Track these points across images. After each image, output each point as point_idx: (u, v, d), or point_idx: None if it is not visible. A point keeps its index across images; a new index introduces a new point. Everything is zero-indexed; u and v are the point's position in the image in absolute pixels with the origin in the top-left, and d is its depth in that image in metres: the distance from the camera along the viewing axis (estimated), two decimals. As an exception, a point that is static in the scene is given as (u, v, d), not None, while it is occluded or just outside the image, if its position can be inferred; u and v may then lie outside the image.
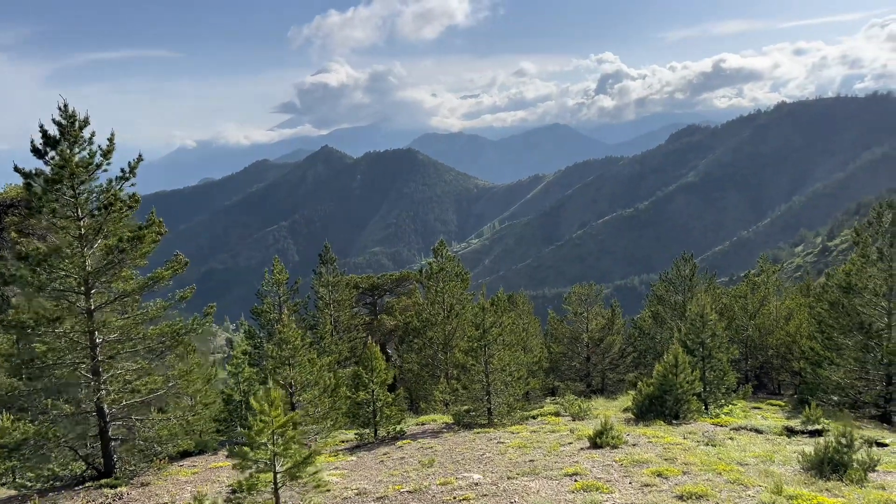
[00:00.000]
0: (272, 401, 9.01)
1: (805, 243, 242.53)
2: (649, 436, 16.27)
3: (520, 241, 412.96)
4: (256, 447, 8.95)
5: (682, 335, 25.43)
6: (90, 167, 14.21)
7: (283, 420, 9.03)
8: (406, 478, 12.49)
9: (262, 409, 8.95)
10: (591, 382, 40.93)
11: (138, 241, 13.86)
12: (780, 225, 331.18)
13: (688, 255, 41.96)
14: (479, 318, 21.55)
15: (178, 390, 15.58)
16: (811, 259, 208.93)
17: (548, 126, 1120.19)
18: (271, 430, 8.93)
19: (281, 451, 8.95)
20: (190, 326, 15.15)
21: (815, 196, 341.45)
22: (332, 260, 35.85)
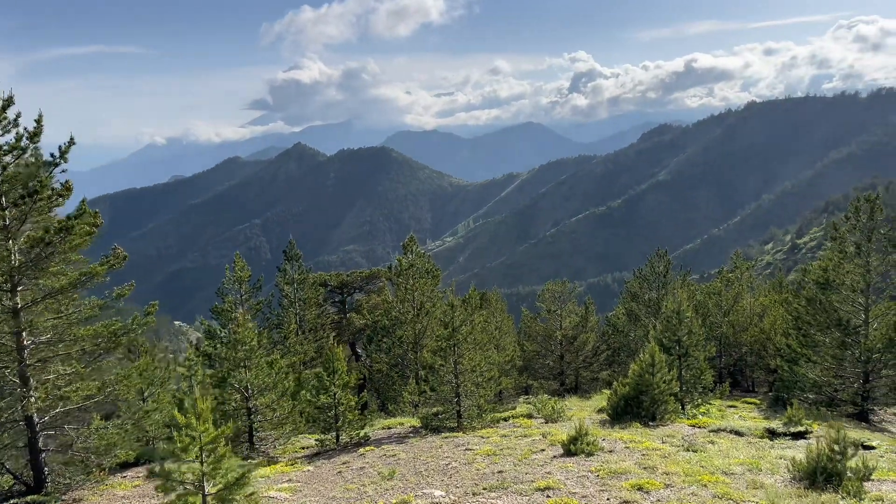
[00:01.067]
0: (200, 413, 7.83)
1: (775, 241, 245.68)
2: (626, 440, 15.33)
3: (494, 239, 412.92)
4: (182, 466, 7.77)
5: (658, 333, 24.62)
6: (15, 151, 12.83)
7: (214, 434, 7.85)
8: (362, 494, 11.37)
9: (189, 423, 7.77)
10: (565, 381, 40.16)
11: (66, 232, 12.53)
12: (749, 223, 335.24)
13: (662, 252, 41.36)
14: (448, 316, 20.46)
15: (116, 396, 14.22)
16: (780, 257, 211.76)
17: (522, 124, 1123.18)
18: (199, 446, 7.77)
19: (210, 471, 7.77)
20: (129, 327, 13.83)
21: (784, 194, 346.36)
22: (298, 256, 34.48)
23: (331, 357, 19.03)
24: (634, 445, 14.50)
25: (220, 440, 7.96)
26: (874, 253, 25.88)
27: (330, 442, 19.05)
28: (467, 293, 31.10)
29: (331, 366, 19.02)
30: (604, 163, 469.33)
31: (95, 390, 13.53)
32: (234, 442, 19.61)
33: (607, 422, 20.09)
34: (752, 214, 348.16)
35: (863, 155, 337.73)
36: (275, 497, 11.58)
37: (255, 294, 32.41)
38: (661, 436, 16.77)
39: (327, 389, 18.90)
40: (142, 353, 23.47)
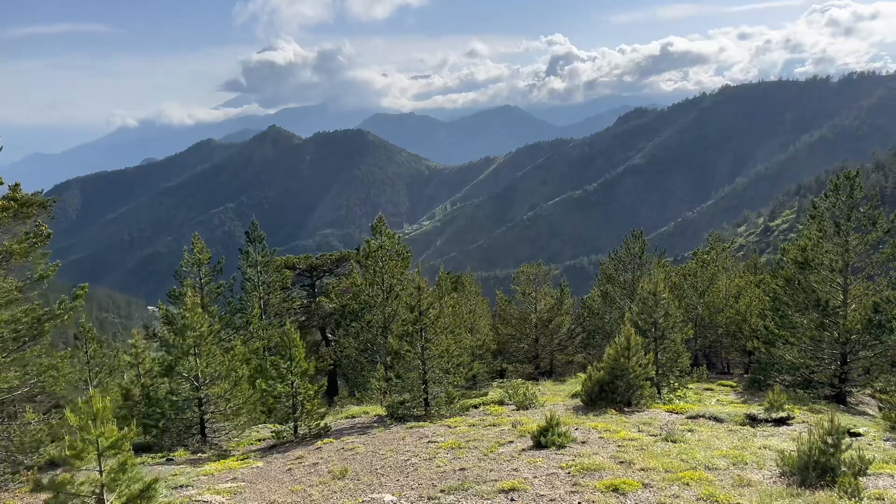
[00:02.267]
0: (96, 413, 6.61)
1: (748, 223, 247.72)
2: (601, 429, 14.34)
3: (471, 222, 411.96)
4: (76, 476, 6.55)
5: (634, 315, 23.69)
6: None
7: (115, 438, 6.64)
8: (306, 498, 10.22)
9: (84, 425, 6.55)
10: (540, 364, 39.37)
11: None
12: (723, 206, 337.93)
13: (637, 232, 40.51)
14: (415, 298, 19.31)
15: (42, 388, 12.87)
16: (753, 239, 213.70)
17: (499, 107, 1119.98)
18: (97, 452, 6.55)
19: (111, 481, 6.58)
20: (54, 312, 12.46)
21: (757, 177, 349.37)
22: (261, 238, 33.01)
23: (288, 342, 17.78)
24: (609, 436, 13.51)
25: (124, 444, 6.75)
26: (853, 232, 25.20)
27: (287, 434, 17.87)
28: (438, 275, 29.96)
29: (288, 352, 17.79)
30: (580, 146, 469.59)
31: (17, 382, 12.15)
32: (185, 434, 18.39)
33: (581, 408, 19.13)
34: (725, 197, 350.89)
35: (834, 138, 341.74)
36: (209, 501, 10.40)
37: (216, 277, 31.02)
38: (638, 423, 15.83)
39: (284, 377, 17.68)
40: (89, 339, 22.08)
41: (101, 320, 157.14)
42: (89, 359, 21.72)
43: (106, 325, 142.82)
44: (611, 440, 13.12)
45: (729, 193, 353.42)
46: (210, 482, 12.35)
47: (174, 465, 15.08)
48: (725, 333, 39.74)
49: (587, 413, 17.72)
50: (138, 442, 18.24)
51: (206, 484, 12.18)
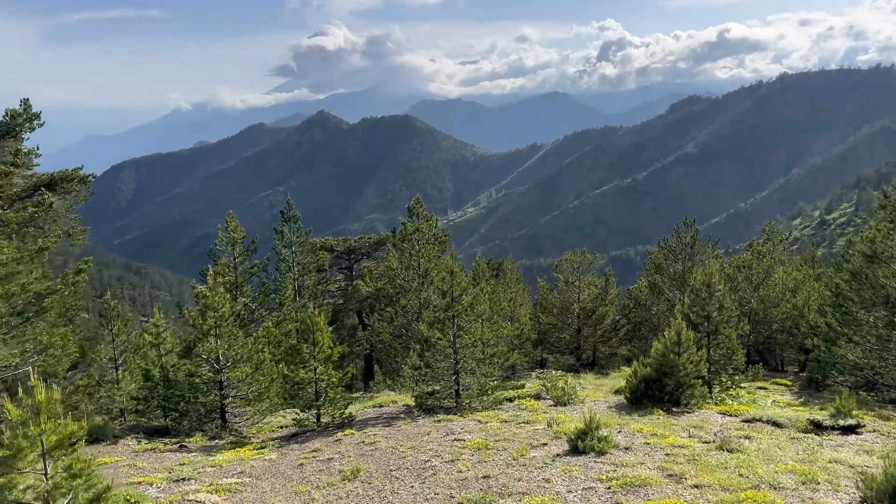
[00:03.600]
0: (38, 406, 5.57)
1: (803, 216, 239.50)
2: (646, 434, 12.92)
3: (516, 210, 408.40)
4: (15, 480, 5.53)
5: (685, 308, 22.01)
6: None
7: (63, 435, 5.59)
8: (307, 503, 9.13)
9: (25, 420, 5.52)
10: (582, 356, 37.90)
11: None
12: (777, 198, 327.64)
13: (689, 221, 38.44)
14: (447, 284, 18.07)
15: (44, 367, 12.08)
16: (808, 232, 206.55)
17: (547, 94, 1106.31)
18: (39, 452, 5.53)
19: (53, 487, 5.53)
20: (57, 287, 11.60)
21: (814, 169, 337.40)
22: (296, 218, 32.18)
23: (311, 326, 16.76)
24: (656, 441, 12.08)
25: (76, 442, 5.70)
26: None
27: (310, 422, 16.90)
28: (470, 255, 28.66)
29: (311, 336, 16.78)
30: (630, 134, 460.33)
31: (16, 360, 11.36)
32: (205, 419, 17.60)
33: (625, 407, 17.67)
34: (780, 189, 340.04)
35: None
36: (202, 502, 9.40)
37: (250, 257, 30.33)
38: (688, 427, 14.33)
39: (306, 363, 16.68)
40: (114, 317, 21.49)
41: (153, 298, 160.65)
42: (114, 337, 21.11)
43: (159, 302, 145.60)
44: (658, 447, 11.70)
45: (783, 185, 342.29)
46: (215, 475, 11.40)
47: (186, 452, 14.24)
48: (781, 329, 37.59)
49: (631, 413, 16.27)
50: (156, 425, 17.54)
51: (211, 477, 11.23)
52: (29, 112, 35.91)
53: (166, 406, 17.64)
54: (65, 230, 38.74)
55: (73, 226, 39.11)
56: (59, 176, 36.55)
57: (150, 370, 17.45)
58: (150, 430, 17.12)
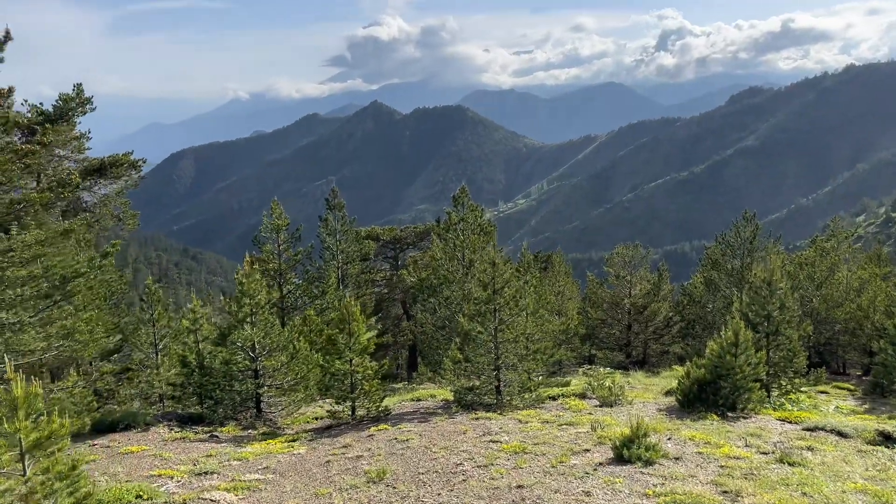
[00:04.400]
0: (16, 402, 5.05)
1: (867, 213, 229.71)
2: (699, 442, 11.94)
3: (568, 202, 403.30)
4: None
5: (744, 306, 20.73)
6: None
7: (47, 432, 5.07)
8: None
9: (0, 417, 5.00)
10: (632, 353, 36.69)
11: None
12: (840, 193, 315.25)
13: (749, 215, 36.66)
14: (489, 275, 17.30)
15: (71, 351, 11.81)
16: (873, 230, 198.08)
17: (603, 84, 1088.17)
18: (17, 452, 5.02)
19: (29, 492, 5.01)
20: (80, 268, 11.28)
21: (880, 164, 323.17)
22: (341, 206, 31.82)
23: (347, 316, 16.23)
24: (709, 451, 11.10)
25: (60, 440, 5.18)
26: None
27: (345, 414, 16.40)
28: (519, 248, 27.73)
29: (347, 326, 16.25)
30: (688, 126, 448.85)
31: (41, 344, 11.10)
32: (240, 407, 17.29)
33: (676, 410, 16.64)
34: (844, 184, 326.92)
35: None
36: (217, 501, 8.90)
37: (295, 244, 30.10)
38: (744, 435, 13.28)
39: (341, 354, 16.16)
40: (155, 302, 21.42)
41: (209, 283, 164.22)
42: (154, 322, 21.04)
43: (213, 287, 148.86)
44: (711, 457, 10.73)
45: (847, 180, 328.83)
46: (239, 470, 10.94)
47: (215, 442, 13.89)
48: (844, 330, 35.63)
49: (683, 417, 15.25)
50: (190, 413, 17.32)
51: (234, 472, 10.78)
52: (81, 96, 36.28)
53: (201, 393, 17.40)
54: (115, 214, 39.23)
55: (123, 210, 39.60)
56: (110, 160, 36.95)
57: (187, 356, 17.22)
58: (183, 417, 16.90)
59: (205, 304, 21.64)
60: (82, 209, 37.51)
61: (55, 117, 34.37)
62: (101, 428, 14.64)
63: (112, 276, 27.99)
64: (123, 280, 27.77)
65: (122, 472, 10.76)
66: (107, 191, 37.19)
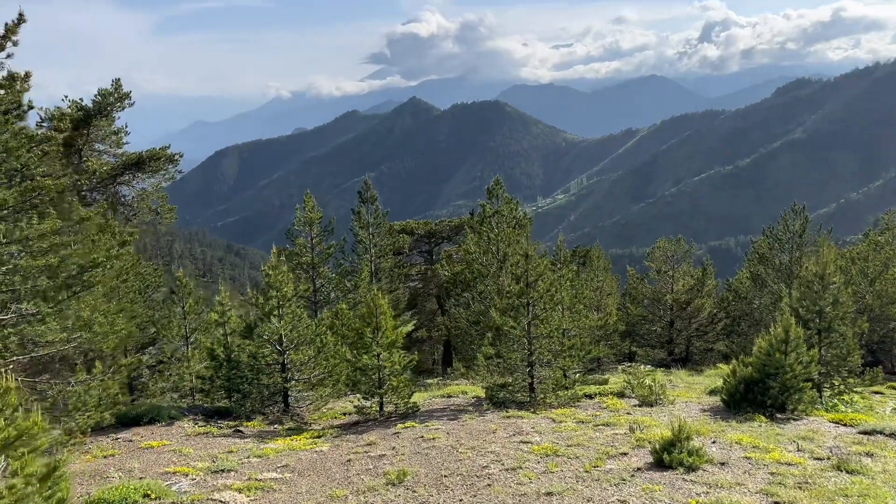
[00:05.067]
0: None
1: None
2: (746, 445, 11.09)
3: (608, 197, 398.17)
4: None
5: (794, 301, 19.61)
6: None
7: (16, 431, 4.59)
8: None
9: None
10: (674, 350, 35.55)
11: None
12: (892, 188, 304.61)
13: (798, 208, 35.14)
14: (521, 268, 16.60)
15: (91, 344, 11.52)
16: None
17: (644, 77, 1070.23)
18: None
19: None
20: (97, 261, 10.96)
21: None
22: (373, 198, 31.39)
23: (374, 309, 15.71)
24: (758, 456, 10.26)
25: (33, 440, 4.71)
26: None
27: (372, 410, 15.91)
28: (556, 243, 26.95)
29: (374, 320, 15.73)
30: (733, 119, 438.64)
31: (58, 335, 10.81)
32: (268, 401, 16.95)
33: (721, 411, 15.73)
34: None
35: None
36: (226, 502, 8.43)
37: (327, 237, 29.77)
38: (795, 438, 12.35)
39: (368, 348, 15.66)
40: (186, 294, 21.25)
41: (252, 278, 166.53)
42: (185, 314, 20.87)
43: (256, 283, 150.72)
44: (760, 463, 9.90)
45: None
46: (257, 468, 10.50)
47: (239, 438, 13.52)
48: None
49: (728, 419, 14.36)
50: (218, 407, 17.04)
51: (252, 470, 10.34)
52: (119, 91, 36.44)
53: (230, 387, 17.10)
54: (153, 208, 39.42)
55: (161, 204, 39.79)
56: (147, 154, 37.12)
57: (215, 349, 16.93)
58: (210, 411, 16.63)
59: (244, 297, 21.40)
60: (121, 203, 37.96)
61: (94, 112, 34.71)
62: (126, 421, 14.43)
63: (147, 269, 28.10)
64: (159, 273, 27.81)
65: (137, 469, 10.42)
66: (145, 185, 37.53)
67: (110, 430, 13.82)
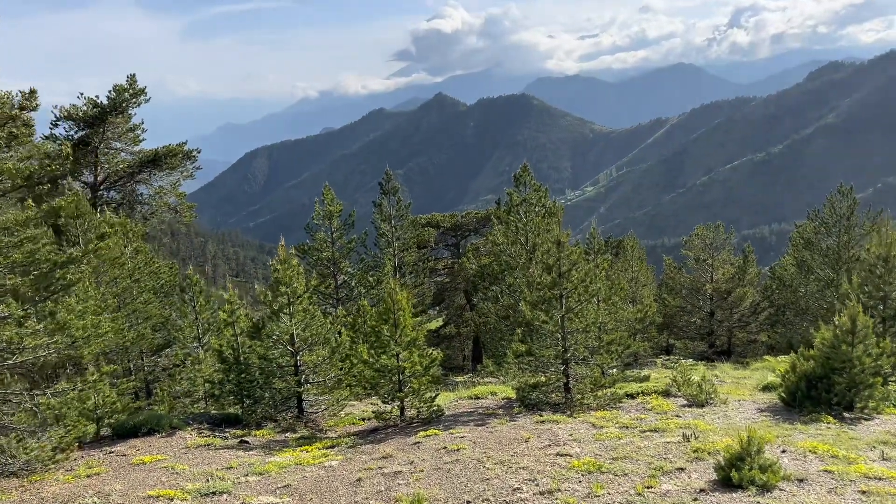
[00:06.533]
0: None
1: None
2: (822, 455, 9.47)
3: (638, 188, 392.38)
4: None
5: (855, 287, 17.77)
6: None
7: None
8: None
9: None
10: (715, 342, 33.70)
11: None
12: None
13: (845, 189, 32.97)
14: (553, 256, 15.06)
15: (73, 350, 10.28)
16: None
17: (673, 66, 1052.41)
18: None
19: None
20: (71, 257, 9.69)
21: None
22: (395, 190, 30.01)
23: (392, 305, 14.31)
24: (840, 469, 8.63)
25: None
26: None
27: (392, 415, 14.52)
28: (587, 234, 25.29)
29: (392, 317, 14.33)
30: (764, 105, 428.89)
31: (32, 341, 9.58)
32: (281, 406, 15.68)
33: (780, 410, 14.04)
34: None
35: None
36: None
37: (348, 231, 28.50)
38: (874, 443, 10.68)
39: (386, 347, 14.26)
40: (196, 293, 20.10)
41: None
42: (197, 315, 19.73)
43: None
44: (845, 479, 8.29)
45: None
46: (255, 489, 9.18)
47: (243, 450, 12.21)
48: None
49: (792, 420, 12.69)
50: (227, 413, 15.79)
51: (248, 491, 9.02)
52: (135, 87, 35.42)
53: (240, 391, 15.85)
54: (172, 206, 38.32)
55: (180, 202, 38.67)
56: (164, 151, 36.07)
57: (224, 351, 15.69)
58: (218, 418, 15.38)
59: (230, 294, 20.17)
60: (138, 202, 37.12)
61: (110, 109, 33.82)
62: (123, 432, 13.24)
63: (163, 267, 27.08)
64: (174, 271, 26.78)
65: (118, 492, 9.14)
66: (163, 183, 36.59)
67: (106, 442, 12.65)
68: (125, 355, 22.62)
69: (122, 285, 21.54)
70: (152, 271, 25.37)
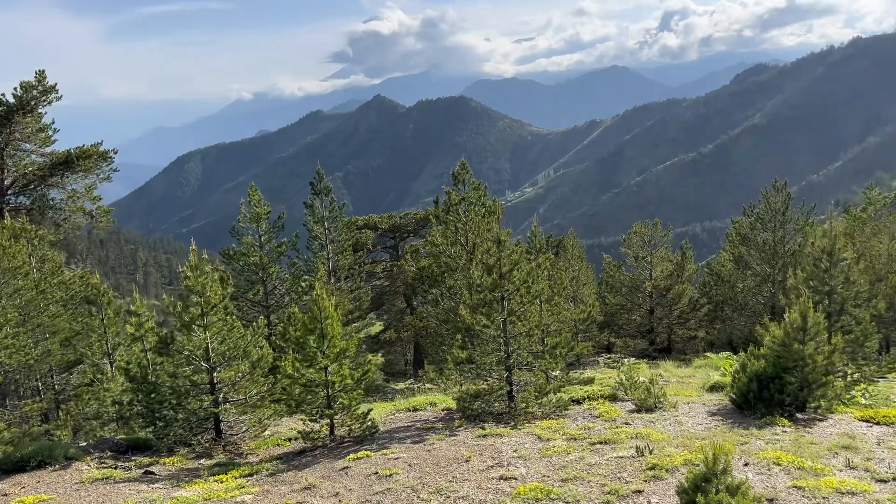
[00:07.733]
0: None
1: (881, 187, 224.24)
2: (786, 466, 8.67)
3: (575, 189, 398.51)
4: None
5: (800, 281, 17.38)
6: None
7: None
8: None
9: None
10: (655, 340, 33.49)
11: None
12: (851, 168, 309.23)
13: (780, 184, 33.30)
14: (493, 256, 14.02)
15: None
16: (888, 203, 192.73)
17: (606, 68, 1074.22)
18: None
19: None
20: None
21: (891, 137, 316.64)
22: (327, 190, 28.51)
23: (318, 313, 12.99)
24: (810, 484, 7.82)
25: None
26: None
27: (321, 435, 13.19)
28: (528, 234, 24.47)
29: (318, 326, 13.01)
30: (694, 106, 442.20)
31: None
32: (197, 428, 14.13)
33: (731, 413, 13.37)
34: (854, 159, 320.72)
35: None
36: None
37: (279, 234, 26.89)
38: (835, 448, 10.00)
39: (313, 360, 12.93)
40: (106, 305, 18.29)
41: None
42: (105, 329, 17.92)
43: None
44: (817, 495, 7.47)
45: (859, 155, 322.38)
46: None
47: (147, 483, 10.72)
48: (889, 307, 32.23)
49: (746, 424, 11.99)
50: (134, 438, 14.17)
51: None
52: (44, 84, 32.77)
53: (148, 413, 14.23)
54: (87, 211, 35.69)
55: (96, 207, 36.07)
56: (77, 153, 33.50)
57: (131, 369, 14.06)
58: (123, 445, 13.74)
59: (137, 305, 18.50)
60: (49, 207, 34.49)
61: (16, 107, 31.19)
62: (8, 467, 11.52)
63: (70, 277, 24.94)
64: (84, 280, 24.72)
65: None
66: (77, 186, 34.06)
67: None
68: (30, 373, 20.65)
69: (26, 297, 19.61)
70: (61, 281, 23.32)
